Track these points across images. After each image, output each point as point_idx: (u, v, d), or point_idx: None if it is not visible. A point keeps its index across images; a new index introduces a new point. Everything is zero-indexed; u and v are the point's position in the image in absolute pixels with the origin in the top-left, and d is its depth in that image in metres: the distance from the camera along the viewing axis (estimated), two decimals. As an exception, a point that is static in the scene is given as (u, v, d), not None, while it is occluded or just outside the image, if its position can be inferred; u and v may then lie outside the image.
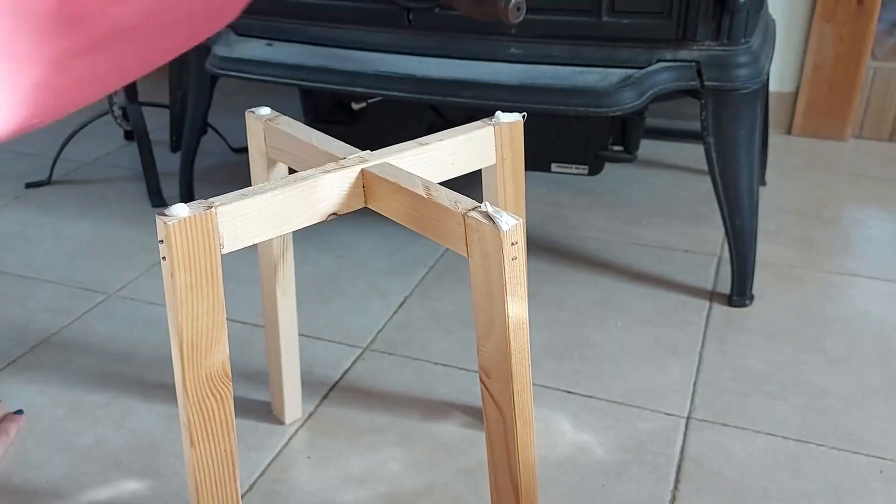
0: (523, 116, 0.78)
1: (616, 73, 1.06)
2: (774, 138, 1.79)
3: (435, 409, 1.01)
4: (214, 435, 0.66)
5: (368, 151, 0.71)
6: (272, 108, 0.82)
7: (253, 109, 0.81)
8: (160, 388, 1.05)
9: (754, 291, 1.22)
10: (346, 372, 1.08)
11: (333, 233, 1.42)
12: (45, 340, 1.14)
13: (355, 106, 1.41)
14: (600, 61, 1.08)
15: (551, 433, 0.96)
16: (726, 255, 1.31)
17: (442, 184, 0.67)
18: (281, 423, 0.98)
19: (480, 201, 0.60)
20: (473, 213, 0.58)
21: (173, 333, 0.62)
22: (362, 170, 0.69)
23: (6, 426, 0.95)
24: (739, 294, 1.20)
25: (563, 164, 1.34)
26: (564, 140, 1.32)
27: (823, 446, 0.94)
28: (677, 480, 0.89)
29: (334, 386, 1.05)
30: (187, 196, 1.51)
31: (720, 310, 1.19)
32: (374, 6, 1.12)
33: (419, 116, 1.37)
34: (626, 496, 0.87)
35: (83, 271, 1.32)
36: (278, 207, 0.64)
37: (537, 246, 1.37)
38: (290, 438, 0.96)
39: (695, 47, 1.05)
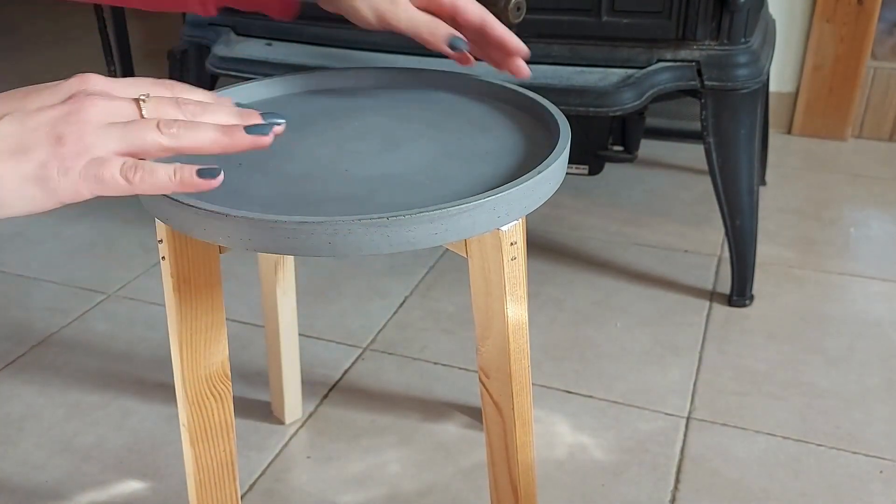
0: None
1: (616, 73, 1.06)
2: (774, 138, 1.79)
3: (435, 409, 1.01)
4: (214, 435, 0.66)
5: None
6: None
7: None
8: (160, 388, 1.05)
9: (754, 291, 1.22)
10: (346, 372, 1.08)
11: (333, 233, 1.42)
12: (44, 340, 1.14)
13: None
14: (600, 61, 1.08)
15: (551, 433, 0.96)
16: (726, 255, 1.31)
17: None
18: (281, 423, 0.98)
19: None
20: (473, 214, 0.58)
21: (173, 334, 0.62)
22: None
23: None
24: (739, 294, 1.20)
25: (563, 164, 1.33)
26: (564, 140, 1.31)
27: (823, 446, 0.94)
28: (677, 480, 0.89)
29: (334, 386, 1.05)
30: (187, 196, 1.50)
31: (720, 310, 1.19)
32: (374, 6, 1.12)
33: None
34: (626, 496, 0.87)
35: (83, 271, 1.32)
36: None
37: (537, 246, 1.37)
38: (290, 438, 0.96)
39: (695, 47, 1.05)
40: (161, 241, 0.59)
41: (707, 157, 1.12)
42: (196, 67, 1.36)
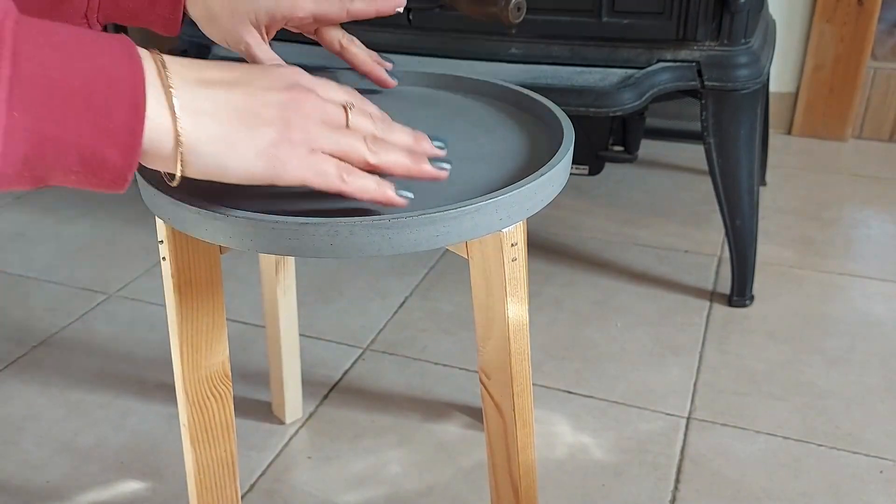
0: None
1: (616, 73, 1.06)
2: (774, 139, 1.79)
3: (435, 409, 1.01)
4: (214, 435, 0.66)
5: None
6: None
7: None
8: (160, 388, 1.05)
9: (754, 291, 1.22)
10: (346, 372, 1.08)
11: (334, 233, 1.42)
12: (45, 341, 1.14)
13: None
14: (600, 61, 1.08)
15: (552, 434, 0.96)
16: (726, 255, 1.31)
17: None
18: (281, 423, 0.98)
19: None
20: (473, 214, 0.58)
21: (173, 334, 0.62)
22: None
23: None
24: (739, 294, 1.20)
25: (564, 165, 1.33)
26: (564, 140, 1.31)
27: (823, 446, 0.94)
28: (677, 480, 0.89)
29: (335, 386, 1.05)
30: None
31: (720, 310, 1.19)
32: (375, 6, 1.12)
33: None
34: (626, 496, 0.87)
35: (84, 272, 1.32)
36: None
37: (537, 246, 1.37)
38: (291, 438, 0.96)
39: (695, 47, 1.05)
40: (162, 241, 0.59)
41: (707, 158, 1.12)
42: (196, 68, 1.36)
